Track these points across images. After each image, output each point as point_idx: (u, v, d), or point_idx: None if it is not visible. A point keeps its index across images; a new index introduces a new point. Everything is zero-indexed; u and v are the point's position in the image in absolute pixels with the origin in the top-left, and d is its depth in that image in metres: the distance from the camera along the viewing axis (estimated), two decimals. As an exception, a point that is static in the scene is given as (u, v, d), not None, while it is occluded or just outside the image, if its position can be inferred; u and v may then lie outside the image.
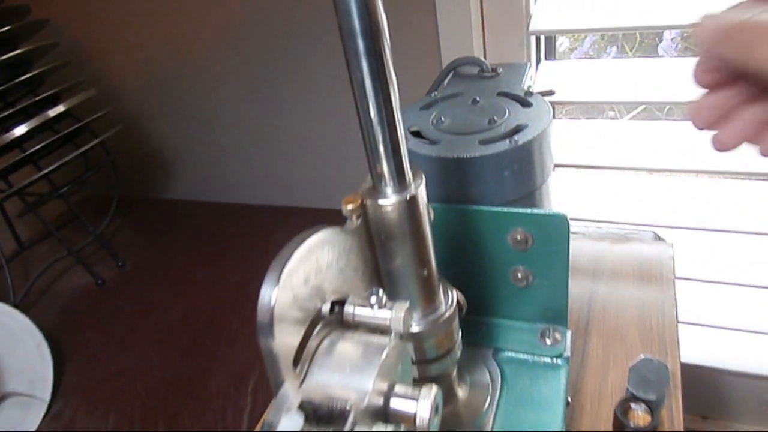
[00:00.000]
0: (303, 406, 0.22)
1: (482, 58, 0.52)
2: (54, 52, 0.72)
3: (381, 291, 0.27)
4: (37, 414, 0.59)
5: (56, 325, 0.73)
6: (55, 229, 0.79)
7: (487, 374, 0.43)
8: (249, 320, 0.67)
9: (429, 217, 0.31)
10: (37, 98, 0.67)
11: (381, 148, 0.29)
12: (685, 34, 1.03)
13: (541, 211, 0.39)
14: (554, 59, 0.84)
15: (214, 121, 0.94)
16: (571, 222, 0.41)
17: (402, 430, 0.24)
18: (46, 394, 0.60)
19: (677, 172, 0.80)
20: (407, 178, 0.30)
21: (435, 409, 0.24)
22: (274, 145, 0.93)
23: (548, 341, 0.44)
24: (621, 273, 0.59)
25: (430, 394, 0.25)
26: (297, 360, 0.24)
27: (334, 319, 0.27)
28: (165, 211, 0.95)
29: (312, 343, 0.25)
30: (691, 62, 0.28)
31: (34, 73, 0.66)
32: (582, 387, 0.47)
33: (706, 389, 0.84)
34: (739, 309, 0.82)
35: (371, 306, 0.27)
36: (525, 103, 0.45)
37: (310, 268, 0.25)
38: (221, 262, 0.78)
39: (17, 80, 0.64)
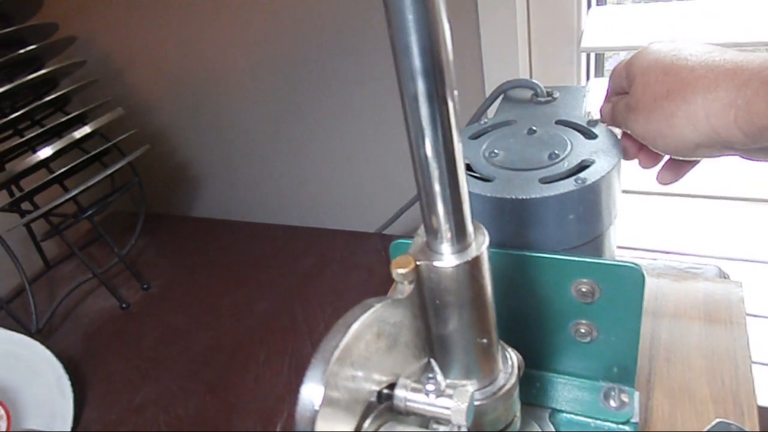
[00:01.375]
0: None
1: (534, 80, 0.47)
2: (81, 69, 0.70)
3: (439, 376, 0.23)
4: (56, 450, 0.56)
5: (78, 352, 0.70)
6: (80, 248, 0.77)
7: (545, 441, 0.38)
8: (276, 354, 0.64)
9: (491, 282, 0.27)
10: (64, 118, 0.64)
11: (439, 203, 0.24)
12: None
13: (612, 262, 0.34)
14: (602, 77, 0.79)
15: (242, 138, 0.91)
16: (620, 251, 0.37)
17: None
18: (66, 429, 0.57)
19: (736, 200, 0.74)
20: (468, 235, 0.26)
21: None
22: (304, 165, 0.90)
23: (613, 403, 0.39)
24: (685, 316, 0.53)
25: None
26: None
27: (385, 408, 0.23)
28: (191, 230, 0.92)
29: (360, 442, 0.21)
30: None
31: (61, 92, 0.64)
32: (647, 452, 0.42)
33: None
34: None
35: (426, 393, 0.23)
36: (589, 134, 0.40)
37: (358, 356, 0.21)
38: (248, 286, 0.75)
39: (44, 100, 0.62)
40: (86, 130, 0.64)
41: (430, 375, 0.23)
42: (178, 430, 0.57)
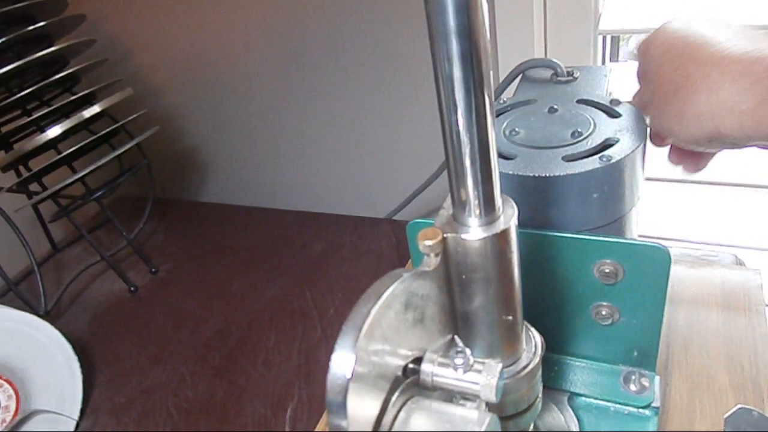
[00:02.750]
0: None
1: (554, 59, 0.46)
2: (91, 49, 0.69)
3: (468, 351, 0.22)
4: None
5: (87, 334, 0.70)
6: (88, 232, 0.76)
7: (564, 423, 0.37)
8: (286, 338, 0.63)
9: (518, 257, 0.26)
10: (73, 98, 0.63)
11: (469, 171, 0.24)
12: None
13: (637, 242, 0.33)
14: (617, 61, 0.77)
15: (252, 123, 0.90)
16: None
17: None
18: (75, 411, 0.57)
19: (750, 187, 0.73)
20: (497, 208, 0.25)
21: None
22: (314, 150, 0.89)
23: (633, 387, 0.38)
24: (702, 303, 0.52)
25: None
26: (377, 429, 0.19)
27: (412, 382, 0.22)
28: (200, 214, 0.92)
29: (388, 417, 0.20)
30: None
31: (70, 71, 0.63)
32: (665, 438, 0.41)
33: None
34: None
35: (455, 367, 0.22)
36: (612, 113, 0.39)
37: (387, 327, 0.20)
38: (257, 271, 0.74)
39: (52, 78, 0.61)
40: (95, 109, 0.63)
41: (459, 349, 0.22)
42: (188, 412, 0.57)
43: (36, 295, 0.73)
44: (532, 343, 0.30)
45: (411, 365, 0.22)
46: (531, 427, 0.33)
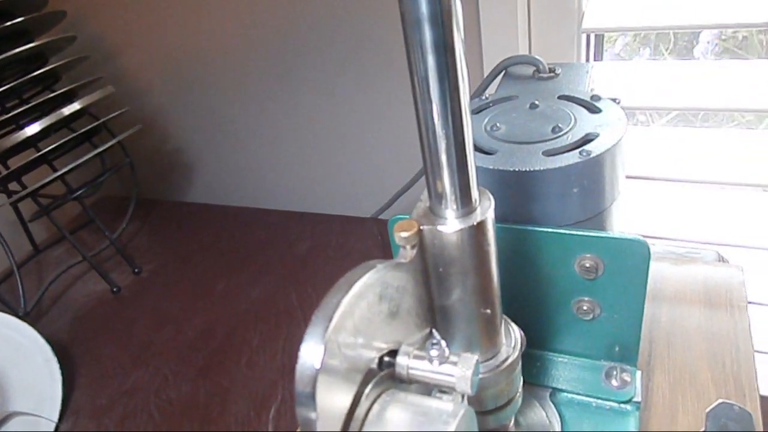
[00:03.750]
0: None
1: (537, 56, 0.47)
2: (71, 47, 0.68)
3: (443, 343, 0.22)
4: (44, 434, 0.55)
5: (68, 335, 0.69)
6: (70, 233, 0.75)
7: (546, 419, 0.37)
8: (270, 338, 0.63)
9: (495, 249, 0.26)
10: (52, 95, 0.62)
11: (444, 162, 0.23)
12: (723, 37, 0.95)
13: (617, 235, 0.33)
14: (601, 60, 0.78)
15: (236, 124, 0.90)
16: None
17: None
18: (54, 413, 0.56)
19: (732, 185, 0.74)
20: (473, 200, 0.25)
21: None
22: (298, 149, 0.89)
23: (615, 383, 0.38)
24: (685, 299, 0.52)
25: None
26: (347, 426, 0.19)
27: (386, 375, 0.22)
28: (184, 216, 0.91)
29: (361, 409, 0.20)
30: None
31: (50, 67, 0.62)
32: (647, 433, 0.41)
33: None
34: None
35: (430, 360, 0.22)
36: (592, 108, 0.39)
37: (360, 318, 0.20)
38: (241, 272, 0.74)
39: (31, 75, 0.60)
40: (75, 106, 0.62)
41: (434, 341, 0.22)
42: (170, 414, 0.56)
43: (16, 297, 0.72)
44: (512, 337, 0.30)
45: (386, 358, 0.22)
46: (512, 423, 0.33)
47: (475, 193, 0.25)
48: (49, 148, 0.63)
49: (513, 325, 0.31)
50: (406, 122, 0.79)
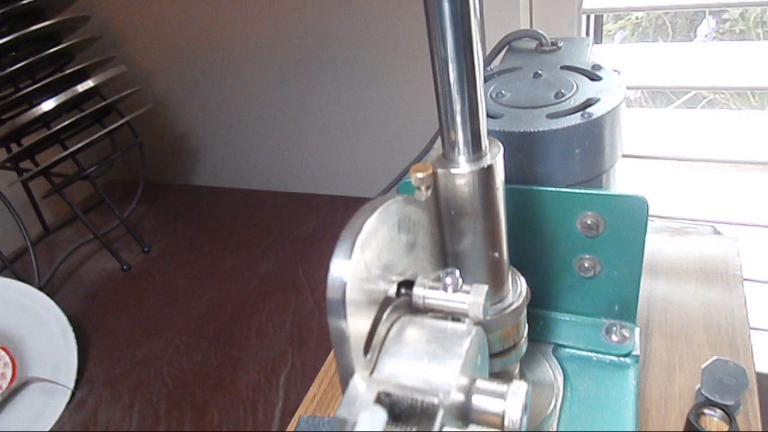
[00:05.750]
0: (380, 400, 0.19)
1: (539, 30, 0.48)
2: (85, 27, 0.69)
3: (457, 272, 0.24)
4: (59, 402, 0.56)
5: (80, 310, 0.70)
6: (81, 213, 0.77)
7: (550, 372, 0.39)
8: (278, 310, 0.64)
9: (503, 193, 0.28)
10: (66, 72, 0.64)
11: (458, 110, 0.25)
12: (720, 30, 0.97)
13: (617, 193, 0.35)
14: (601, 43, 0.80)
15: (243, 107, 0.91)
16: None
17: (489, 431, 0.21)
18: (70, 381, 0.57)
19: (733, 163, 0.76)
20: (483, 146, 0.26)
21: (525, 408, 0.21)
22: (305, 132, 0.90)
23: (615, 338, 0.40)
24: (682, 269, 0.54)
25: (519, 390, 0.21)
26: (367, 348, 0.21)
27: (402, 303, 0.24)
28: (192, 198, 0.92)
29: (381, 331, 0.22)
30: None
31: (64, 45, 0.64)
32: (646, 390, 0.43)
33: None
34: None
35: (445, 288, 0.24)
36: (593, 76, 0.41)
37: (382, 242, 0.21)
38: (250, 251, 0.75)
39: (45, 53, 0.62)
40: (89, 83, 0.64)
41: (449, 271, 0.23)
42: (183, 381, 0.58)
43: (29, 273, 0.74)
44: (519, 285, 0.32)
45: (403, 290, 0.24)
46: (517, 370, 0.35)
47: (485, 141, 0.27)
48: (62, 125, 0.65)
49: (520, 276, 0.33)
50: (409, 106, 0.80)
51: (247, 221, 0.83)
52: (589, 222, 0.36)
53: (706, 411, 0.39)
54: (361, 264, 0.20)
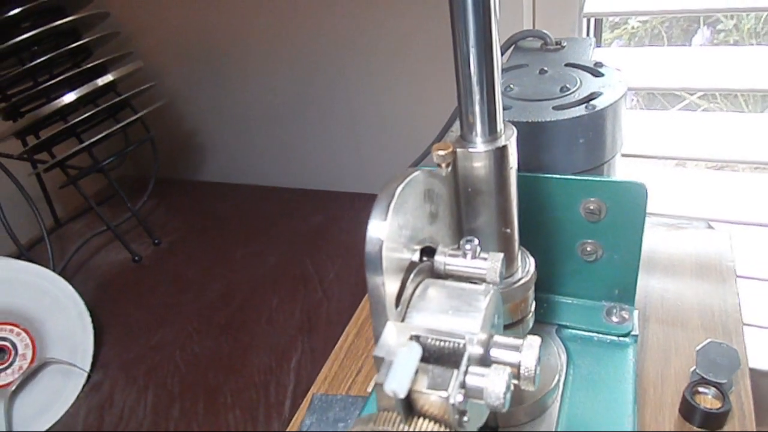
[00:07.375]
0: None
1: (544, 30, 0.51)
2: (103, 23, 0.72)
3: (476, 240, 0.26)
4: (76, 383, 0.58)
5: (93, 299, 0.72)
6: (91, 207, 0.79)
7: (555, 350, 0.41)
8: (288, 300, 0.66)
9: (516, 173, 0.30)
10: (84, 67, 0.66)
11: (476, 94, 0.27)
12: (714, 41, 1.00)
13: (618, 179, 0.38)
14: (600, 46, 0.82)
15: (252, 105, 0.94)
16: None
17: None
18: (87, 363, 0.59)
19: (726, 163, 0.78)
20: (498, 129, 0.29)
21: (538, 360, 0.23)
22: (312, 130, 0.93)
23: (615, 319, 0.42)
24: (678, 261, 0.57)
25: (533, 343, 0.23)
26: (397, 303, 0.23)
27: (425, 267, 0.26)
28: (202, 193, 0.94)
29: (407, 292, 0.24)
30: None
31: (82, 42, 0.66)
32: (643, 372, 0.45)
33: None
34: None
35: (464, 254, 0.26)
36: (596, 73, 0.43)
37: (410, 209, 0.24)
38: (258, 243, 0.78)
39: (66, 48, 0.64)
40: (108, 77, 0.66)
41: (468, 239, 0.26)
42: (196, 365, 0.60)
43: (43, 263, 0.75)
44: (527, 263, 0.34)
45: (425, 257, 0.26)
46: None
47: (500, 124, 0.29)
48: (79, 119, 0.67)
49: (529, 255, 0.35)
50: (415, 103, 0.83)
51: (255, 215, 0.85)
52: (591, 207, 0.39)
53: (700, 389, 0.42)
54: (394, 225, 0.22)
